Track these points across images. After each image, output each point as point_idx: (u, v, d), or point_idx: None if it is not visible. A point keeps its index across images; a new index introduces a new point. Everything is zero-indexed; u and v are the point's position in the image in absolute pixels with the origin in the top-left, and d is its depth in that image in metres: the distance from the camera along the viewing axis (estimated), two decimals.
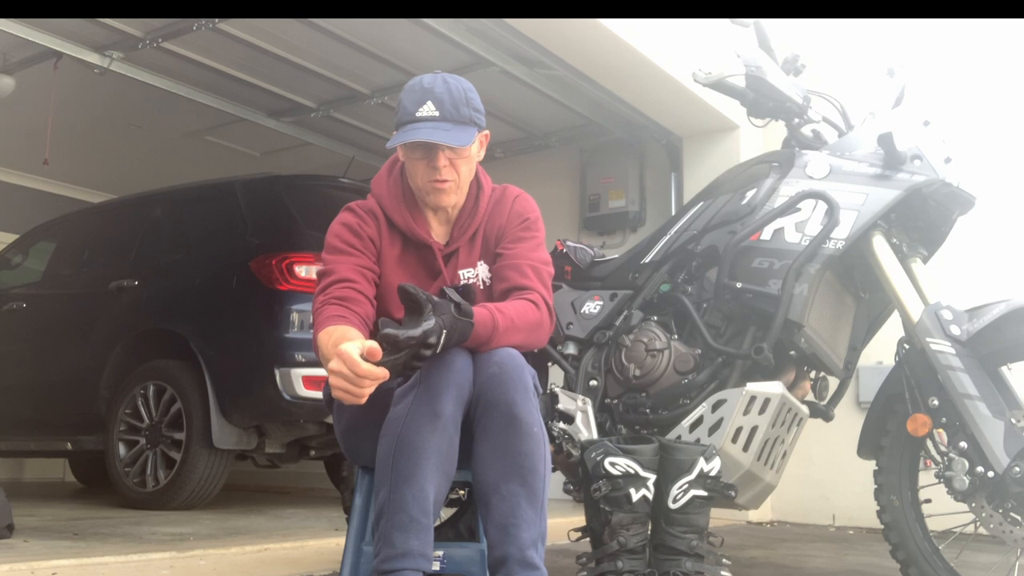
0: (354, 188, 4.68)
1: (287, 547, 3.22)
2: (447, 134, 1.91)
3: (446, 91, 1.94)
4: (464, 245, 2.09)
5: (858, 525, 4.89)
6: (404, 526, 1.71)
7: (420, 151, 1.95)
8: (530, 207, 2.13)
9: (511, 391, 1.78)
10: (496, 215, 2.10)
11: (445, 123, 1.91)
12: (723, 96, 2.83)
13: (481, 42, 4.75)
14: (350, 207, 2.10)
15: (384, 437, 1.77)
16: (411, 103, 1.94)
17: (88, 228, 5.61)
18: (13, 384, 5.24)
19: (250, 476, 6.59)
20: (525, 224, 2.09)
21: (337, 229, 2.06)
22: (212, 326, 4.40)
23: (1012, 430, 2.26)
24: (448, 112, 1.92)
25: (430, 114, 1.92)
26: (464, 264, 2.09)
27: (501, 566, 1.74)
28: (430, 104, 1.92)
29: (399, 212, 2.06)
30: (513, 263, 2.03)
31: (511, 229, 2.08)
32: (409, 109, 1.94)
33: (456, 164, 1.98)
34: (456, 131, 1.92)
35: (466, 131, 1.94)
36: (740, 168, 2.92)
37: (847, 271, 2.65)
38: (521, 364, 1.83)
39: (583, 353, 2.83)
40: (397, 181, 2.10)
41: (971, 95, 4.87)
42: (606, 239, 6.05)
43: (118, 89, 5.53)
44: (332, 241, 2.05)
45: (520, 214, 2.10)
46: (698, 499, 2.21)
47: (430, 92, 1.93)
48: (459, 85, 1.97)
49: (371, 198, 2.12)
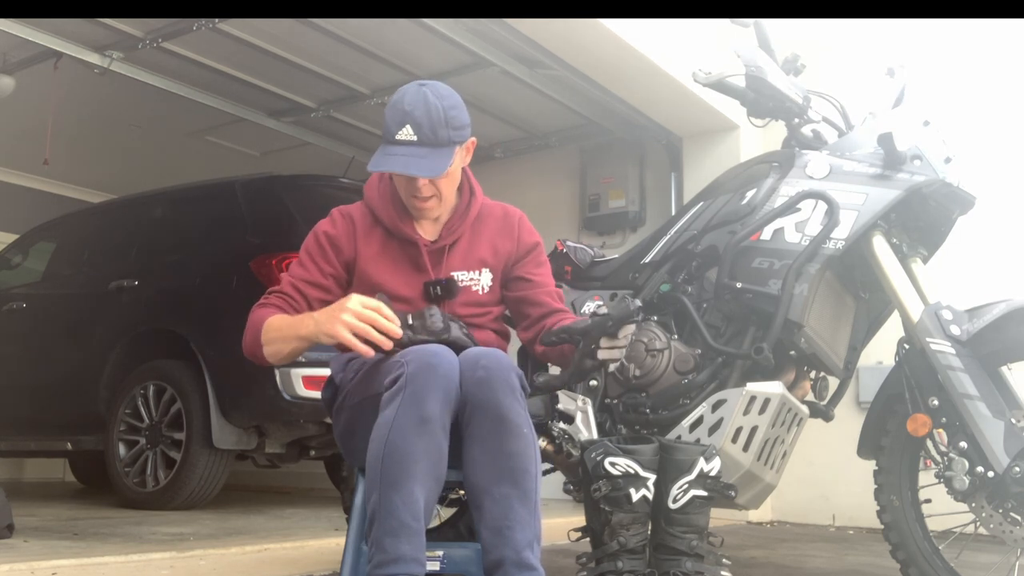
0: (354, 188, 4.68)
1: (287, 547, 3.22)
2: (421, 162, 1.94)
3: (425, 114, 1.95)
4: (459, 246, 2.12)
5: (858, 525, 4.88)
6: (395, 531, 1.71)
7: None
8: (535, 231, 2.25)
9: (498, 393, 1.78)
10: (505, 232, 2.18)
11: (422, 148, 1.94)
12: (723, 96, 2.83)
13: (481, 42, 4.75)
14: (331, 212, 2.17)
15: (372, 443, 1.77)
16: (392, 123, 1.97)
17: (88, 228, 5.61)
18: (13, 384, 5.24)
19: (250, 476, 6.59)
20: (539, 250, 2.23)
21: (307, 238, 2.14)
22: (212, 326, 4.40)
23: (1012, 430, 2.25)
24: (426, 136, 1.95)
25: (408, 138, 1.95)
26: (460, 266, 2.13)
27: (497, 569, 1.74)
28: (408, 129, 1.95)
29: (387, 212, 2.11)
30: (547, 290, 2.21)
31: (529, 255, 2.20)
32: (390, 129, 1.97)
33: (437, 183, 2.02)
34: (432, 157, 1.95)
35: (442, 156, 1.97)
36: (740, 168, 2.92)
37: (847, 271, 2.65)
38: (507, 365, 1.84)
39: None
40: (388, 185, 2.15)
41: (971, 95, 4.86)
42: (606, 239, 6.04)
43: (118, 89, 5.53)
44: (300, 250, 2.15)
45: (532, 238, 2.21)
46: (698, 499, 2.20)
47: (409, 115, 1.95)
48: (440, 104, 1.97)
49: (360, 203, 2.17)
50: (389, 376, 1.80)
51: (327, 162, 6.60)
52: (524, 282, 2.17)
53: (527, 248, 2.19)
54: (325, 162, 6.62)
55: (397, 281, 2.08)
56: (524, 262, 2.19)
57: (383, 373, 1.84)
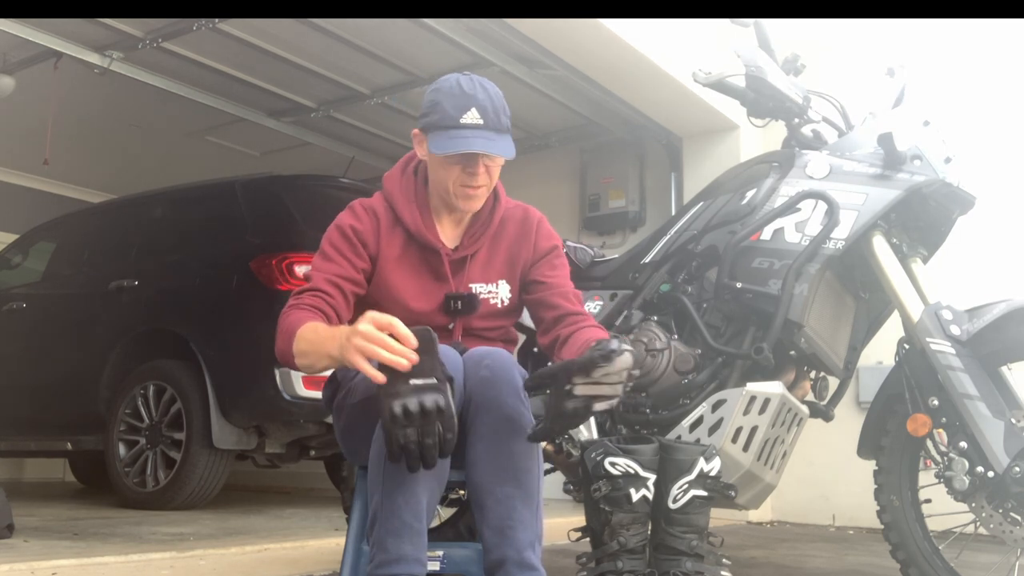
0: (354, 188, 4.68)
1: (287, 547, 3.22)
2: (494, 144, 1.91)
3: (488, 99, 1.93)
4: (480, 257, 2.07)
5: (858, 525, 4.88)
6: (397, 531, 1.71)
7: (458, 156, 1.93)
8: (554, 234, 2.17)
9: (502, 393, 1.77)
10: (523, 238, 2.11)
11: (489, 132, 1.91)
12: (723, 96, 2.83)
13: (481, 42, 4.75)
14: (351, 205, 2.07)
15: (375, 442, 1.76)
16: (453, 108, 1.91)
17: (88, 228, 5.60)
18: (13, 384, 5.24)
19: (250, 476, 6.58)
20: (556, 252, 2.14)
21: (330, 232, 2.04)
22: (212, 326, 4.40)
23: (1012, 430, 2.25)
24: (491, 121, 1.92)
25: (475, 122, 1.90)
26: (479, 278, 2.06)
27: (499, 569, 1.74)
28: (475, 111, 1.91)
29: (409, 211, 2.03)
30: (561, 291, 2.08)
31: (544, 257, 2.11)
32: (452, 114, 1.91)
33: (491, 170, 1.98)
34: (500, 141, 1.93)
35: (508, 140, 1.95)
36: (740, 168, 2.92)
37: (847, 271, 2.65)
38: (511, 365, 1.83)
39: None
40: (411, 180, 2.07)
41: (971, 95, 4.86)
42: (606, 239, 6.04)
43: (118, 89, 5.53)
44: (324, 245, 2.03)
45: (548, 242, 2.13)
46: (698, 499, 2.20)
47: (473, 98, 1.92)
48: (496, 92, 1.97)
49: (379, 196, 2.09)
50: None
51: (327, 162, 6.60)
52: (538, 285, 2.10)
53: (543, 252, 2.12)
54: (325, 162, 6.62)
55: (415, 290, 2.02)
56: (539, 265, 2.11)
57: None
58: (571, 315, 2.05)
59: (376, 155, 6.55)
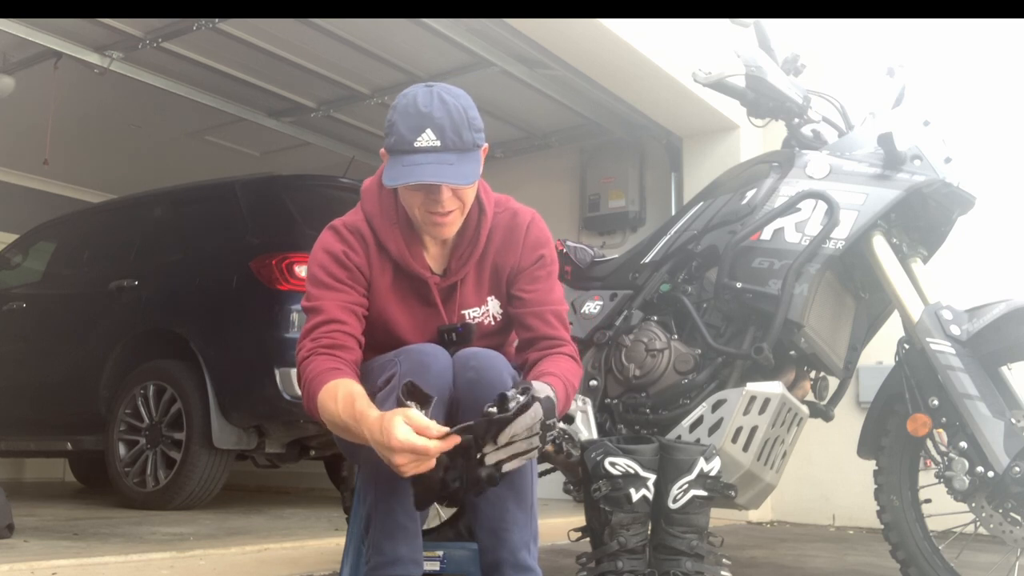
0: (354, 188, 4.63)
1: (287, 547, 3.22)
2: (452, 169, 1.71)
3: (446, 115, 1.72)
4: (470, 280, 1.94)
5: (858, 525, 4.88)
6: (392, 533, 1.71)
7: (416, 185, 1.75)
8: (544, 237, 1.98)
9: (489, 394, 1.69)
10: (509, 246, 1.94)
11: (448, 154, 1.71)
12: (723, 96, 2.83)
13: (481, 42, 4.75)
14: (334, 227, 1.92)
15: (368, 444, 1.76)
16: (407, 129, 1.72)
17: (88, 228, 5.60)
18: (13, 384, 5.24)
19: (250, 476, 6.58)
20: (541, 262, 1.96)
21: (321, 258, 1.88)
22: (212, 326, 4.40)
23: (1012, 430, 2.26)
24: (450, 141, 1.71)
25: (430, 144, 1.70)
26: (471, 303, 1.95)
27: (495, 570, 1.74)
28: (430, 132, 1.71)
29: (391, 237, 1.89)
30: (535, 310, 1.92)
31: (527, 270, 1.94)
32: (406, 137, 1.72)
33: (460, 193, 1.79)
34: (461, 163, 1.72)
35: (471, 161, 1.74)
36: (740, 168, 2.92)
37: (847, 271, 2.65)
38: (499, 365, 1.78)
39: (583, 353, 2.83)
40: (390, 198, 1.91)
41: (971, 95, 4.86)
42: (606, 239, 6.04)
43: (118, 89, 5.53)
44: (316, 273, 1.87)
45: (535, 248, 1.95)
46: (698, 499, 2.21)
47: (428, 117, 1.71)
48: (458, 104, 1.75)
49: (360, 213, 1.94)
50: (383, 376, 1.76)
51: (327, 162, 6.60)
52: (517, 300, 1.94)
53: (527, 264, 1.94)
54: (325, 162, 6.62)
55: (409, 324, 1.92)
56: (520, 277, 1.94)
57: (377, 372, 1.81)
58: (543, 339, 1.91)
59: (376, 155, 6.50)
